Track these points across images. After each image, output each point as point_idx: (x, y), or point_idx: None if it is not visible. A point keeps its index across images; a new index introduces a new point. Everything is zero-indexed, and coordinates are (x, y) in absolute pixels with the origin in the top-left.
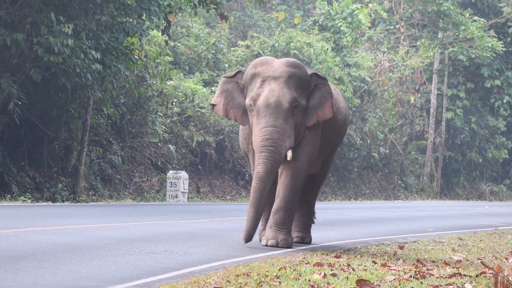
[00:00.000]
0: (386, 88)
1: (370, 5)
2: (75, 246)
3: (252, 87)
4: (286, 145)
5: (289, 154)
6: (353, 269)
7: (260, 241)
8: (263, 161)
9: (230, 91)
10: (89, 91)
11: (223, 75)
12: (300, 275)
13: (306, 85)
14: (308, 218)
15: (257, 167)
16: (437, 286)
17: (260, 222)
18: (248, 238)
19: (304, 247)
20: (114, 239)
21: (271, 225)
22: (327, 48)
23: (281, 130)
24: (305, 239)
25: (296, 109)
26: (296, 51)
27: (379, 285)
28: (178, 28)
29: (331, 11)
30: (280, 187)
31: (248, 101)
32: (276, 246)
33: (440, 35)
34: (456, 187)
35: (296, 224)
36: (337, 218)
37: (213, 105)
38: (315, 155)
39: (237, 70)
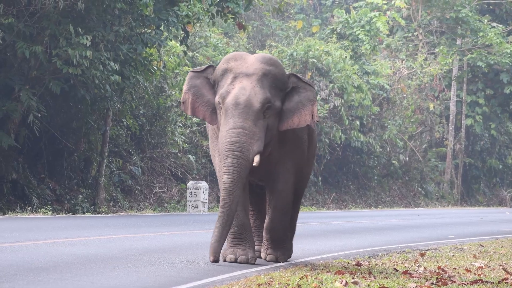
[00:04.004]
0: (405, 95)
1: (388, 12)
2: (96, 257)
3: (222, 83)
4: (254, 149)
5: (256, 159)
6: (374, 277)
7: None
8: (229, 169)
9: (199, 87)
10: (108, 102)
11: (191, 70)
12: (322, 284)
13: (282, 85)
14: (289, 233)
15: (223, 176)
16: None
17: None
18: (215, 256)
19: (325, 256)
20: (135, 249)
21: (266, 242)
22: (346, 56)
23: (250, 133)
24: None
25: (268, 111)
26: (314, 60)
27: None
28: (196, 38)
29: (349, 19)
30: (268, 207)
31: (217, 98)
32: (276, 261)
33: (458, 41)
34: (476, 193)
35: None
36: (357, 226)
37: (183, 103)
38: (302, 168)
39: (209, 64)
